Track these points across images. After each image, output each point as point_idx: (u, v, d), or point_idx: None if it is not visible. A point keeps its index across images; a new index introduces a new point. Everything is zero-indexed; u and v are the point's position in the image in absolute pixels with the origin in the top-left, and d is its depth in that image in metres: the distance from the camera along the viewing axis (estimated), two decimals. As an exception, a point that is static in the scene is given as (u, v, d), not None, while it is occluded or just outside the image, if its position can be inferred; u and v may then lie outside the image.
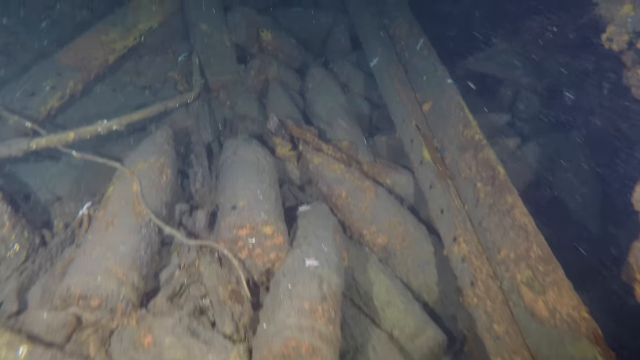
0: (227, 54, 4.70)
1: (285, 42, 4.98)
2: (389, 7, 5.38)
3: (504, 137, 4.20)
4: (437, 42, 4.54)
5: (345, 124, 4.01)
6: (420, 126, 3.85)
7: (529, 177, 4.04)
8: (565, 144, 4.23)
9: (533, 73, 4.86)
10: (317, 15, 5.73)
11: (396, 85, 4.27)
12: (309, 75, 4.60)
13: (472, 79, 5.41)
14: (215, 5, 4.91)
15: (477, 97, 5.36)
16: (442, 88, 3.96)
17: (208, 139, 4.00)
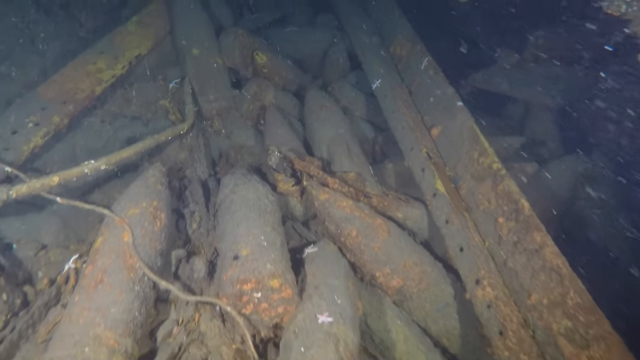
0: (220, 79, 4.45)
1: (281, 64, 4.74)
2: (388, 24, 5.18)
3: (521, 162, 3.97)
4: (439, 58, 4.35)
5: (350, 153, 3.76)
6: (431, 154, 3.62)
7: (550, 205, 3.80)
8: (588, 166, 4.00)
9: (544, 89, 4.65)
10: (313, 34, 5.52)
11: (402, 108, 4.04)
12: (307, 100, 4.36)
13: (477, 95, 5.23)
14: (206, 28, 4.67)
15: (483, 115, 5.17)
16: (452, 111, 3.74)
17: (204, 173, 3.73)
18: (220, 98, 4.36)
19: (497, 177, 3.15)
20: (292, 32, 5.47)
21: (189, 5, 4.61)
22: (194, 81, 4.40)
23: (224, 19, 5.21)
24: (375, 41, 5.02)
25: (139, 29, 4.48)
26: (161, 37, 4.68)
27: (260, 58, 4.57)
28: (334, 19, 5.94)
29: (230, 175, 3.33)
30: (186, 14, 4.59)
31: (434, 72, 4.17)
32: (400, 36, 4.89)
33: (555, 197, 3.87)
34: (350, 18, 5.44)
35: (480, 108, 5.33)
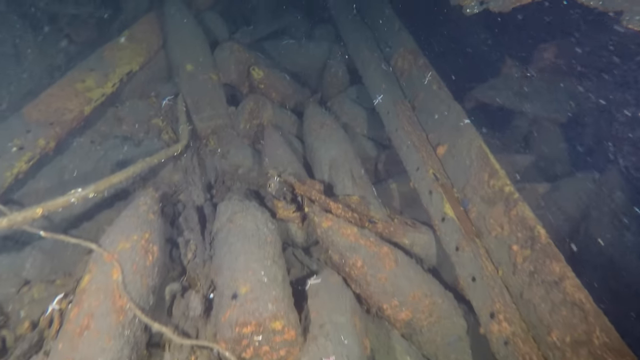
0: (216, 96, 4.27)
1: (278, 79, 4.57)
2: (389, 36, 5.02)
3: (532, 182, 3.81)
4: (441, 70, 4.19)
5: (352, 174, 3.58)
6: (438, 175, 3.45)
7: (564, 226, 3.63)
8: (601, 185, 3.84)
9: (550, 103, 4.50)
10: (311, 47, 5.36)
11: (406, 126, 3.87)
12: (306, 117, 4.19)
13: (480, 109, 5.08)
14: (200, 42, 4.50)
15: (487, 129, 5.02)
16: (458, 129, 3.57)
17: (199, 197, 3.53)
18: (216, 116, 4.18)
19: (509, 201, 2.97)
20: (290, 45, 5.30)
21: (182, 19, 4.44)
22: (188, 98, 4.22)
23: (219, 33, 5.04)
24: (376, 54, 4.86)
25: (131, 44, 4.30)
26: (154, 52, 4.50)
27: (256, 73, 4.40)
28: (332, 30, 5.79)
29: (227, 201, 3.14)
30: (179, 28, 4.42)
31: (438, 87, 4.01)
32: (402, 49, 4.72)
33: (567, 218, 3.70)
34: (349, 30, 5.28)
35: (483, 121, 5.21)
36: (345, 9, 5.66)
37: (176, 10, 4.45)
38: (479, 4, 3.57)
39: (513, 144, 4.84)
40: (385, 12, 5.29)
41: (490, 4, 3.45)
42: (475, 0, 3.60)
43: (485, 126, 5.07)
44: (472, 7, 3.60)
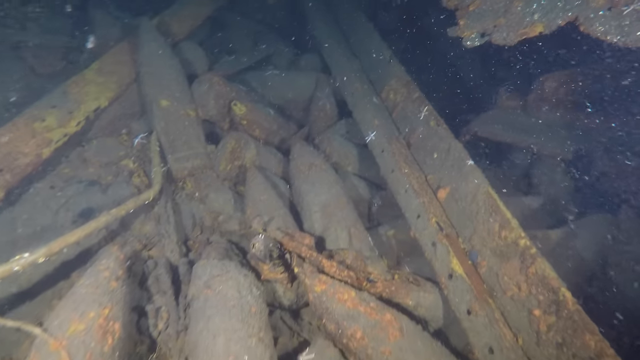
0: (193, 134, 3.88)
1: (262, 115, 4.22)
2: (380, 67, 4.74)
3: (541, 227, 3.49)
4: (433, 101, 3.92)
5: (346, 224, 3.21)
6: (442, 224, 3.09)
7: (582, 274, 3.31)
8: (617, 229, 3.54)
9: (553, 138, 4.23)
10: (297, 78, 5.05)
11: (403, 167, 3.53)
12: (293, 156, 3.81)
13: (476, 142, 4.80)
14: (176, 75, 4.12)
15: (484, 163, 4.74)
16: (461, 172, 3.24)
17: (173, 252, 3.10)
18: (193, 156, 3.78)
19: (526, 257, 2.63)
20: (274, 76, 4.98)
21: (157, 49, 4.08)
22: (163, 136, 3.81)
23: (198, 65, 4.69)
24: (366, 86, 4.56)
25: (99, 77, 3.90)
26: (125, 85, 4.11)
27: (238, 109, 4.03)
28: (319, 61, 5.50)
29: (205, 261, 2.71)
30: (154, 60, 4.05)
31: (436, 124, 3.70)
32: (394, 81, 4.44)
33: (584, 264, 3.38)
34: (337, 60, 4.99)
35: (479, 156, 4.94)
36: (333, 38, 5.39)
37: (151, 40, 4.08)
38: (480, 36, 3.30)
39: (513, 181, 4.55)
40: (375, 41, 5.03)
41: (492, 36, 3.18)
42: (476, 32, 3.34)
43: (480, 160, 4.80)
44: (472, 39, 3.33)
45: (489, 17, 3.28)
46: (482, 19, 3.32)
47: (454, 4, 3.68)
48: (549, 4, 2.97)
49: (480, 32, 3.29)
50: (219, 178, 3.78)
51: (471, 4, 3.48)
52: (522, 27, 3.01)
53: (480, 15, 3.34)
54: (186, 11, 5.08)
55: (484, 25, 3.28)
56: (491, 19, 3.26)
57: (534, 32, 2.94)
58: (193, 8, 5.16)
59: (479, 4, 3.44)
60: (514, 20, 3.09)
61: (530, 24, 2.98)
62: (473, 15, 3.40)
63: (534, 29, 2.94)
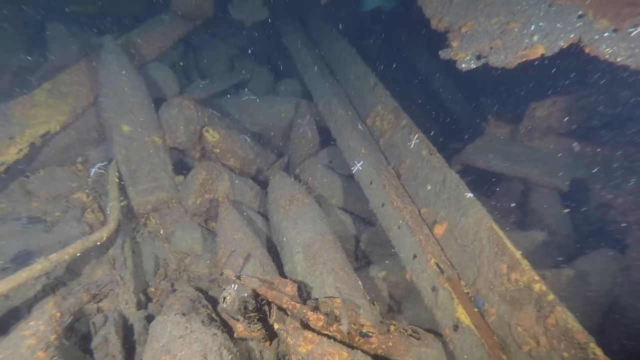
0: (158, 164, 3.44)
1: (237, 142, 3.81)
2: (364, 93, 4.44)
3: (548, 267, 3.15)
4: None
5: (333, 267, 2.79)
6: (442, 265, 2.71)
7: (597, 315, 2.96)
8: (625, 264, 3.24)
9: (548, 167, 3.96)
10: (276, 103, 4.69)
11: (395, 201, 3.16)
12: (272, 189, 3.40)
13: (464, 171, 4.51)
14: (141, 98, 3.69)
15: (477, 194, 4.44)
16: (460, 205, 2.90)
17: (128, 303, 2.61)
18: (158, 188, 3.33)
19: (543, 305, 2.26)
20: (251, 101, 4.61)
21: (120, 70, 3.66)
22: (123, 166, 3.36)
23: (167, 87, 4.29)
24: (351, 112, 4.24)
25: (51, 98, 3.44)
26: (82, 108, 3.65)
27: (211, 136, 3.62)
28: (299, 85, 5.17)
29: (165, 317, 2.23)
30: (116, 81, 3.62)
31: (429, 153, 3.37)
32: (380, 107, 4.14)
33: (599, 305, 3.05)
34: (319, 85, 4.66)
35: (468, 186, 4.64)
36: (314, 62, 5.09)
37: (113, 60, 3.66)
38: (475, 59, 3.04)
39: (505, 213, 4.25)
40: (358, 66, 4.75)
41: (489, 58, 2.91)
42: (470, 54, 3.07)
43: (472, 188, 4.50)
44: (467, 61, 3.06)
45: (484, 38, 3.02)
46: (476, 41, 3.06)
47: (444, 25, 3.42)
48: (548, 25, 2.74)
49: (476, 54, 3.02)
50: (187, 213, 3.33)
51: (463, 25, 3.23)
52: (521, 48, 2.75)
53: (474, 37, 3.08)
54: (156, 31, 4.70)
55: (478, 47, 3.02)
56: (486, 41, 3.00)
57: (534, 54, 2.68)
58: (164, 28, 4.80)
59: (471, 26, 3.19)
60: (511, 41, 2.83)
61: (530, 46, 2.73)
62: (466, 37, 3.14)
63: (535, 50, 2.68)
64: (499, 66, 2.82)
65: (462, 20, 3.28)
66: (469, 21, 3.21)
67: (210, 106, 4.45)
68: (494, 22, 3.04)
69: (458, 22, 3.29)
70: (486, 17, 3.09)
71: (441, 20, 3.41)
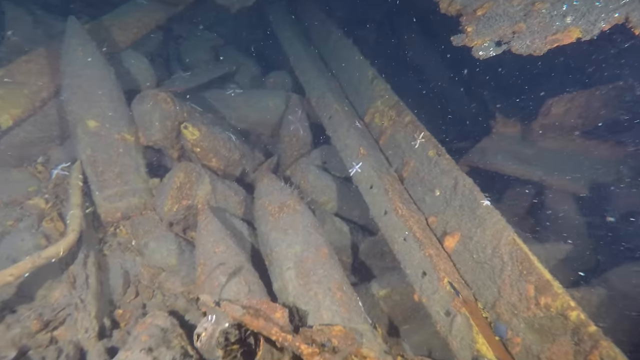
0: (130, 164, 3.02)
1: (220, 140, 3.39)
2: (361, 87, 4.05)
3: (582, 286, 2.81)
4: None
5: (329, 285, 2.41)
6: (456, 285, 2.35)
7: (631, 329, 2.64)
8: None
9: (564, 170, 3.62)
10: (264, 98, 4.28)
11: (399, 208, 2.79)
12: (259, 194, 2.99)
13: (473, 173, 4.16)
14: (110, 89, 3.24)
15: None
16: (475, 214, 2.54)
17: (89, 331, 2.19)
18: (129, 192, 2.92)
19: (582, 338, 1.92)
20: (237, 96, 4.20)
21: (85, 57, 3.20)
22: (89, 167, 2.94)
23: (142, 78, 3.85)
24: (347, 108, 3.85)
25: (2, 88, 2.99)
26: (41, 101, 3.21)
27: (190, 133, 3.20)
28: (290, 79, 4.77)
29: (128, 354, 1.83)
30: (81, 69, 3.16)
31: (437, 153, 3.00)
32: (379, 102, 3.76)
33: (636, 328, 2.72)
34: (312, 78, 4.26)
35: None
36: (306, 54, 4.69)
37: (78, 45, 3.21)
38: (495, 45, 2.67)
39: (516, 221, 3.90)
40: (354, 59, 4.35)
41: (512, 44, 2.54)
42: (489, 41, 2.70)
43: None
44: (485, 48, 2.69)
45: (504, 22, 2.65)
46: (495, 25, 2.69)
47: (456, 9, 3.04)
48: (584, 4, 2.37)
49: (495, 40, 2.65)
50: (162, 222, 2.91)
51: (479, 8, 2.85)
52: (551, 32, 2.38)
53: (492, 21, 2.71)
54: (131, 16, 4.25)
55: (498, 32, 2.65)
56: (507, 25, 2.64)
57: (569, 38, 2.31)
58: (140, 14, 4.35)
59: (488, 8, 2.81)
60: (538, 25, 2.46)
61: (563, 29, 2.35)
62: (483, 21, 2.77)
63: (569, 34, 2.31)
64: (524, 53, 2.45)
65: (477, 2, 2.91)
66: (485, 3, 2.83)
67: (192, 100, 4.03)
68: (516, 2, 2.67)
69: (472, 4, 2.91)
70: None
71: (452, 2, 3.04)
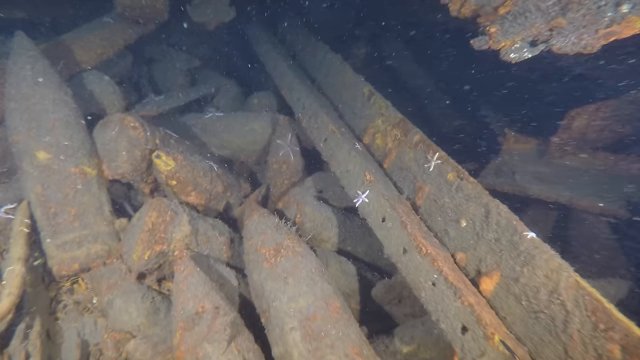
0: (90, 203, 2.47)
1: (200, 171, 2.87)
2: (356, 105, 3.61)
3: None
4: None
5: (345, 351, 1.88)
6: (510, 344, 1.85)
7: None
8: None
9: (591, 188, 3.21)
10: (247, 121, 3.79)
11: (424, 246, 2.30)
12: (249, 234, 2.47)
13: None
14: (66, 114, 2.70)
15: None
16: (517, 250, 2.09)
17: None
18: (89, 238, 2.36)
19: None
20: (218, 119, 3.71)
21: (34, 75, 2.67)
22: (39, 208, 2.38)
23: (108, 101, 3.33)
24: (344, 129, 3.40)
25: None
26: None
27: (164, 163, 2.67)
28: (275, 99, 4.31)
29: None
30: (28, 90, 2.63)
31: (458, 177, 2.55)
32: (380, 120, 3.32)
33: None
34: (300, 96, 3.81)
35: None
36: (293, 71, 4.25)
37: (26, 63, 2.69)
38: (529, 46, 2.27)
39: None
40: (347, 75, 3.93)
41: (553, 43, 2.14)
42: (520, 41, 2.29)
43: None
44: (518, 50, 2.28)
45: (537, 18, 2.26)
46: (525, 22, 2.29)
47: (470, 9, 2.64)
48: (639, -10, 1.99)
49: (528, 39, 2.25)
50: (131, 273, 2.35)
51: (501, 5, 2.45)
52: (603, 25, 1.99)
53: (521, 18, 2.31)
54: (96, 35, 3.76)
55: (531, 30, 2.25)
56: (542, 21, 2.24)
57: (630, 29, 1.91)
58: (106, 33, 3.86)
59: (513, 4, 2.41)
60: (584, 18, 2.07)
61: (620, 20, 1.95)
62: (509, 20, 2.37)
63: (630, 25, 1.91)
64: (570, 52, 2.05)
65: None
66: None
67: (166, 125, 3.52)
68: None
69: (491, 2, 2.51)
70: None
71: (465, 2, 2.65)
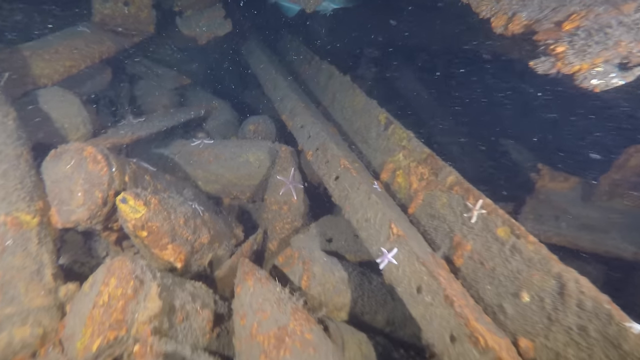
0: (25, 266, 1.83)
1: (178, 216, 2.24)
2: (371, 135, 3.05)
3: None
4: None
5: None
6: None
7: None
8: None
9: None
10: (241, 151, 3.18)
11: (479, 335, 1.68)
12: (241, 307, 1.83)
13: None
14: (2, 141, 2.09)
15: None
16: (615, 347, 1.56)
17: None
18: (15, 319, 1.71)
19: None
20: (207, 147, 3.10)
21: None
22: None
23: (71, 125, 2.71)
24: (358, 164, 2.81)
25: None
26: None
27: (131, 210, 2.03)
28: (274, 126, 3.72)
29: None
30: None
31: (512, 233, 1.98)
32: (402, 155, 2.75)
33: None
34: (305, 124, 3.23)
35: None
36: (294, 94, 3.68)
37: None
38: (618, 69, 1.72)
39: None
40: (357, 99, 3.37)
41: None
42: (603, 64, 1.74)
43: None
44: (602, 75, 1.74)
45: (623, 35, 1.72)
46: (607, 41, 1.75)
47: (521, 25, 2.09)
48: None
49: (615, 61, 1.71)
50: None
51: (566, 20, 1.91)
52: None
53: (598, 35, 1.77)
54: (64, 46, 3.17)
55: (617, 50, 1.71)
56: (630, 38, 1.70)
57: None
58: (78, 43, 3.28)
59: (582, 18, 1.86)
60: None
61: None
62: (581, 37, 1.83)
63: None
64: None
65: (555, 12, 1.97)
66: (572, 13, 1.90)
67: (144, 155, 2.91)
68: (628, 8, 1.73)
69: (548, 16, 1.98)
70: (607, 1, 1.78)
71: (514, 17, 2.10)
